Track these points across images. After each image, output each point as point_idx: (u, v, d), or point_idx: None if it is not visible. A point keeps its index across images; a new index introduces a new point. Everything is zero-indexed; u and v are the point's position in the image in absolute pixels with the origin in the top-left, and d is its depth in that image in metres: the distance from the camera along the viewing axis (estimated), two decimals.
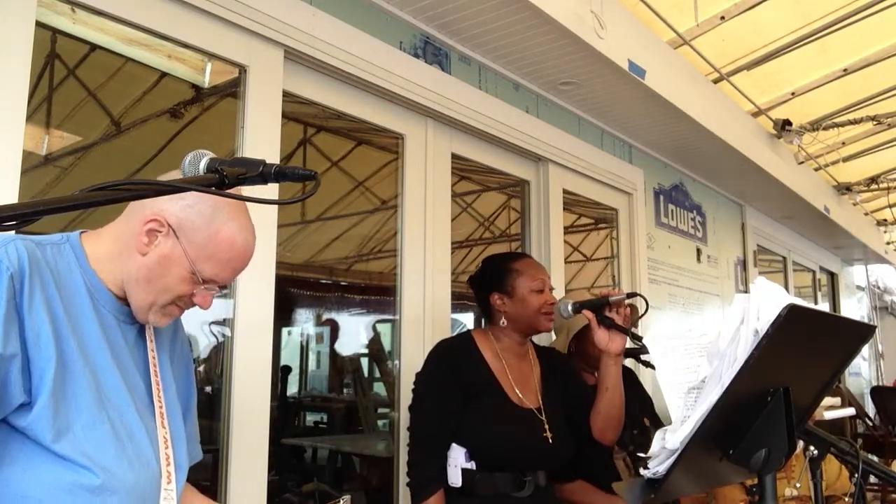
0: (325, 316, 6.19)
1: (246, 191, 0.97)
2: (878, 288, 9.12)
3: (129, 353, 1.14)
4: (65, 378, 1.01)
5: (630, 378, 2.67)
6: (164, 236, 1.09)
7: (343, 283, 6.14)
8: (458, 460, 1.99)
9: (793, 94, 4.58)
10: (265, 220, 2.12)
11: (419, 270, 2.68)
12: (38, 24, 1.67)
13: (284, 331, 5.77)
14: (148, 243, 1.09)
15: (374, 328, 5.71)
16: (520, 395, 2.08)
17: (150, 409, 1.15)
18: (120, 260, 1.11)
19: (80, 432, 1.01)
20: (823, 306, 7.29)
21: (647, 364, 2.41)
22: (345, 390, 5.78)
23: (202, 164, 0.91)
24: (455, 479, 1.98)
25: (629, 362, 2.66)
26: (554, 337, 2.66)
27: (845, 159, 5.47)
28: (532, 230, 3.35)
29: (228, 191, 0.88)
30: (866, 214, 7.17)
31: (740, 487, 2.33)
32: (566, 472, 2.31)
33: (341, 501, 1.31)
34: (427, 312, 2.67)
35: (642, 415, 2.52)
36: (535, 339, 2.31)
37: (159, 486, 1.11)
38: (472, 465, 1.98)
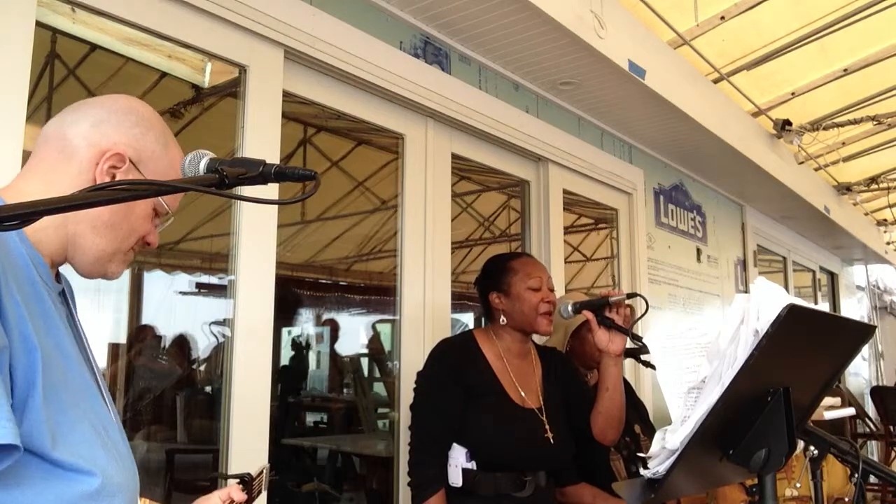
0: (325, 316, 6.20)
1: (246, 191, 0.97)
2: (878, 288, 9.12)
3: (73, 337, 0.98)
4: (46, 371, 0.85)
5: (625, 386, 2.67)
6: (124, 172, 0.96)
7: (343, 283, 6.14)
8: (458, 460, 1.99)
9: (793, 94, 4.58)
10: (265, 220, 2.12)
11: (419, 270, 2.68)
12: (38, 24, 1.67)
13: (284, 331, 5.77)
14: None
15: (373, 328, 5.71)
16: (521, 395, 2.08)
17: (104, 398, 1.00)
18: (61, 215, 0.92)
19: (68, 433, 0.87)
20: (823, 306, 7.29)
21: (648, 364, 2.41)
22: (345, 390, 5.79)
23: (202, 164, 0.91)
24: (456, 478, 1.98)
25: (631, 364, 2.66)
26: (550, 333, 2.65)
27: (845, 159, 5.47)
28: (532, 230, 3.35)
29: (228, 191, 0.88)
30: (866, 214, 7.17)
31: (740, 488, 2.33)
32: (568, 475, 2.31)
33: (263, 472, 1.32)
34: (427, 312, 2.67)
35: (634, 422, 2.52)
36: (539, 337, 2.30)
37: (136, 481, 1.00)
38: (472, 465, 1.98)
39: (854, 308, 8.28)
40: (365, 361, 5.75)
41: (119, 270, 1.02)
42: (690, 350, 1.40)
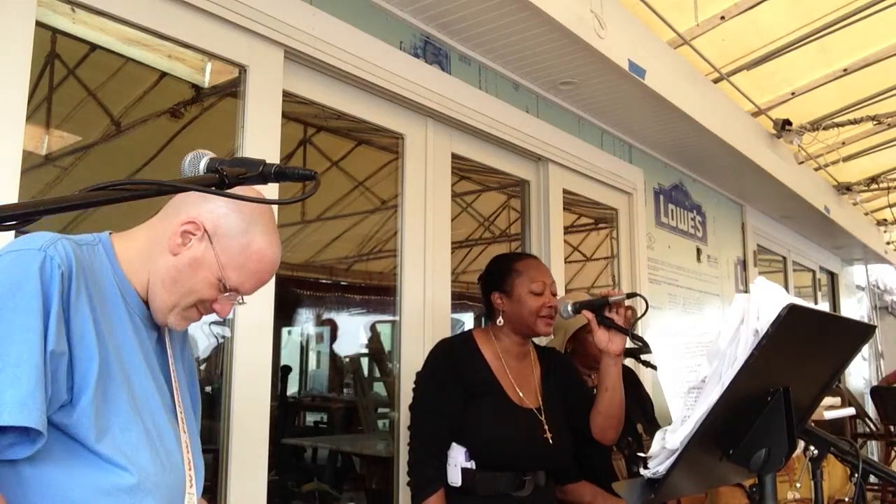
0: (325, 316, 6.19)
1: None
2: (878, 288, 9.11)
3: (154, 357, 1.16)
4: (104, 380, 1.02)
5: (631, 381, 2.66)
6: (199, 240, 1.11)
7: (343, 283, 6.14)
8: (457, 459, 1.99)
9: (793, 94, 4.58)
10: None
11: (419, 270, 2.68)
12: (38, 24, 1.67)
13: (284, 331, 5.77)
14: (181, 244, 1.11)
15: (373, 328, 5.71)
16: (520, 395, 2.08)
17: (174, 414, 1.17)
18: (149, 259, 1.13)
19: (118, 433, 1.02)
20: (823, 306, 7.29)
21: (648, 364, 2.41)
22: (345, 390, 5.79)
23: (202, 164, 0.92)
24: (455, 478, 1.98)
25: (631, 363, 2.66)
26: (552, 336, 2.65)
27: (845, 159, 5.47)
28: (532, 230, 3.35)
29: (228, 191, 0.88)
30: (866, 214, 7.17)
31: (741, 491, 2.32)
32: (569, 472, 2.31)
33: None
34: (427, 312, 2.67)
35: (637, 420, 2.52)
36: (540, 339, 2.30)
37: (185, 489, 1.13)
38: (471, 465, 1.98)
39: (854, 308, 8.28)
40: (365, 361, 5.75)
41: (178, 325, 1.16)
42: (690, 350, 1.40)
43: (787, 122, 4.62)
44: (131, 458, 1.02)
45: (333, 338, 6.09)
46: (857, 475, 1.28)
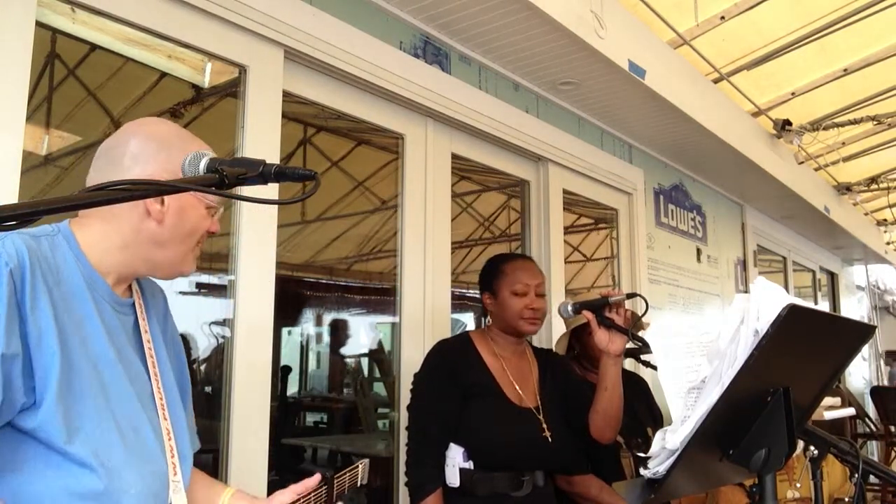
0: (326, 316, 6.19)
1: (246, 191, 0.98)
2: (878, 288, 9.11)
3: (128, 344, 1.12)
4: (70, 376, 0.98)
5: (641, 388, 2.66)
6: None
7: (343, 283, 6.14)
8: (455, 460, 1.99)
9: (793, 94, 4.58)
10: (265, 220, 2.12)
11: (419, 270, 2.68)
12: (38, 24, 1.67)
13: (284, 331, 5.77)
14: (161, 209, 1.10)
15: (376, 332, 5.70)
16: (518, 395, 2.08)
17: (152, 401, 1.14)
18: (124, 240, 1.10)
19: (89, 432, 0.99)
20: (823, 306, 7.29)
21: (648, 364, 2.41)
22: (345, 390, 5.78)
23: (202, 164, 0.92)
24: (453, 478, 1.98)
25: (631, 364, 2.66)
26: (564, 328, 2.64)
27: (845, 159, 5.47)
28: (532, 230, 3.35)
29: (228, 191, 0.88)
30: (866, 214, 7.17)
31: (741, 491, 2.32)
32: (578, 464, 2.31)
33: (360, 465, 1.34)
34: (427, 312, 2.67)
35: (647, 424, 2.52)
36: (539, 340, 2.30)
37: (168, 479, 1.10)
38: (469, 465, 1.98)
39: (854, 308, 8.28)
40: (365, 361, 5.75)
41: (193, 267, 1.19)
42: (690, 350, 1.40)
43: (787, 122, 4.62)
44: (104, 457, 0.99)
45: (333, 338, 6.09)
46: (857, 475, 1.28)
